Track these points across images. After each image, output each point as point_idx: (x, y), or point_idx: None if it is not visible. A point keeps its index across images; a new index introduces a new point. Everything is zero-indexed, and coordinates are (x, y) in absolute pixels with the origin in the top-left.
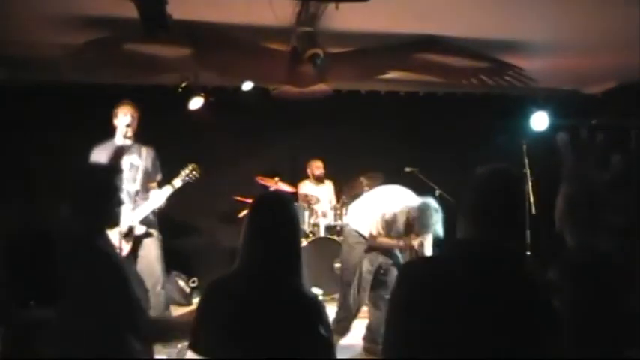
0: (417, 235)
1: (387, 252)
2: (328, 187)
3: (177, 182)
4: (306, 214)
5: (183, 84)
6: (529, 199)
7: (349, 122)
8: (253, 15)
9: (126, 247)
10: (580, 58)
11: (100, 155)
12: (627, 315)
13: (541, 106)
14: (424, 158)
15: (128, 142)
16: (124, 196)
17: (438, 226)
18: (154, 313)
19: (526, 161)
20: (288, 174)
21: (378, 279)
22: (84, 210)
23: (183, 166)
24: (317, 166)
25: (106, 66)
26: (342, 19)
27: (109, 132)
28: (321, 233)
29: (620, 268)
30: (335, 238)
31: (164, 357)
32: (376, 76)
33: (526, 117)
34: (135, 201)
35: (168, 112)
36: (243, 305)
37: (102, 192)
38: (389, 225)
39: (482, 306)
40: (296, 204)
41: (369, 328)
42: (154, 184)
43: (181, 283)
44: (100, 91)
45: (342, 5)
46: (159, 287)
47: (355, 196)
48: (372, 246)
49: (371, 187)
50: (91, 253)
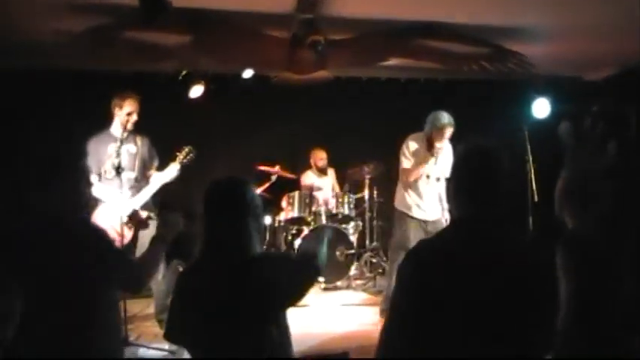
0: (435, 141)
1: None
2: (330, 175)
3: (176, 165)
4: (308, 202)
5: (184, 72)
6: (531, 186)
7: (350, 109)
8: (254, 2)
9: (128, 234)
10: (581, 45)
11: (97, 145)
12: (623, 300)
13: (542, 92)
14: None
15: (125, 132)
16: (124, 183)
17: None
18: (156, 301)
19: (528, 147)
20: (288, 161)
21: None
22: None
23: (180, 149)
24: (320, 157)
25: (106, 53)
26: (342, 5)
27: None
28: (323, 221)
29: (609, 254)
30: (337, 225)
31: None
32: (377, 62)
33: (527, 103)
34: (134, 188)
35: (169, 99)
36: (207, 293)
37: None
38: (410, 150)
39: (483, 286)
40: (259, 191)
41: (388, 295)
42: (152, 171)
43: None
44: (100, 79)
45: None
46: (160, 275)
47: (357, 184)
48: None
49: (373, 174)
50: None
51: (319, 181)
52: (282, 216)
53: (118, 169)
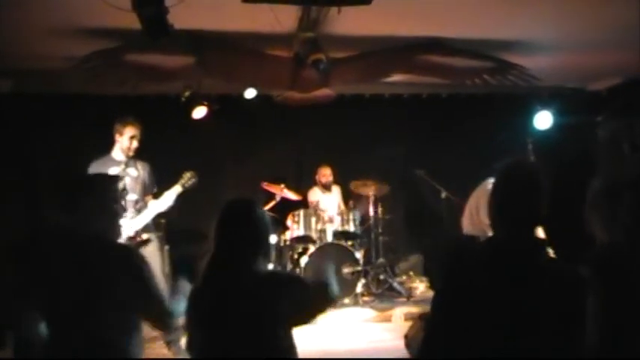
0: None
1: None
2: (335, 192)
3: (177, 189)
4: (313, 220)
5: (187, 93)
6: None
7: (354, 126)
8: (255, 22)
9: None
10: (584, 56)
11: (98, 169)
12: None
13: (546, 104)
14: (429, 160)
15: (125, 158)
16: (127, 205)
17: None
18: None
19: (532, 159)
20: (293, 180)
21: None
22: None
23: (182, 173)
24: (324, 174)
25: (110, 77)
26: (344, 24)
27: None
28: (329, 239)
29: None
30: (342, 243)
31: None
32: (379, 78)
33: (531, 116)
34: (135, 210)
35: (172, 121)
36: (217, 309)
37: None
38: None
39: (515, 297)
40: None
41: None
42: (150, 197)
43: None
44: (104, 103)
45: (343, 9)
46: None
47: (361, 200)
48: None
49: (377, 192)
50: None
51: (324, 197)
52: (288, 235)
53: (123, 191)
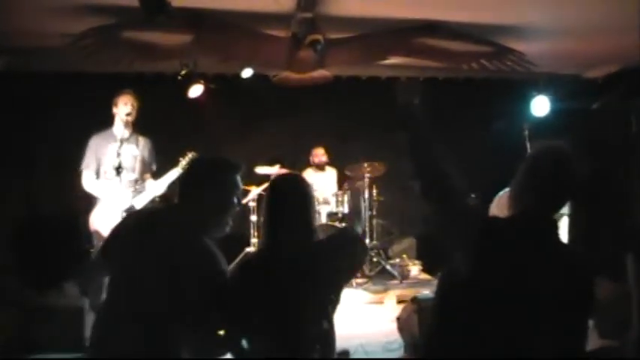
0: None
1: None
2: (330, 173)
3: (177, 171)
4: None
5: (183, 71)
6: None
7: (350, 108)
8: (253, 1)
9: None
10: (581, 42)
11: (98, 143)
12: None
13: (541, 90)
14: None
15: (127, 132)
16: (124, 184)
17: None
18: None
19: (528, 146)
20: (289, 161)
21: None
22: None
23: (183, 154)
24: (317, 154)
25: (107, 54)
26: (341, 4)
27: (110, 120)
28: (323, 220)
29: None
30: (337, 224)
31: None
32: (376, 61)
33: (527, 102)
34: (134, 190)
35: (168, 100)
36: (274, 281)
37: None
38: None
39: (529, 276)
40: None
41: None
42: (148, 175)
43: None
44: (100, 80)
45: None
46: None
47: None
48: None
49: (372, 174)
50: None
51: (317, 176)
52: None
53: (118, 170)
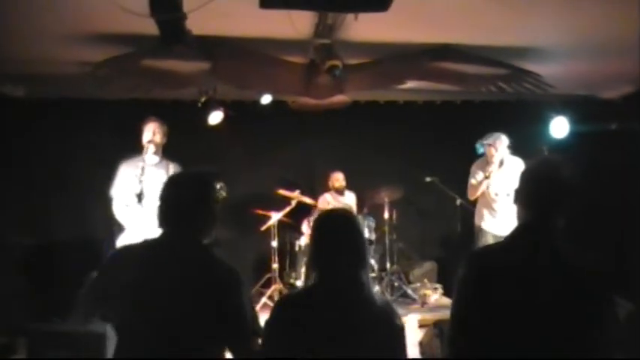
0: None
1: None
2: (349, 197)
3: None
4: None
5: (203, 99)
6: None
7: (368, 133)
8: (272, 28)
9: None
10: (597, 63)
11: (126, 169)
12: None
13: (559, 112)
14: (443, 167)
15: (156, 159)
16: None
17: None
18: None
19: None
20: (307, 186)
21: None
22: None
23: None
24: (336, 178)
25: (126, 82)
26: (359, 30)
27: (131, 148)
28: None
29: None
30: None
31: None
32: (394, 85)
33: (545, 123)
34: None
35: (187, 126)
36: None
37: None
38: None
39: (538, 292)
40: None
41: None
42: None
43: None
44: (119, 107)
45: (360, 16)
46: None
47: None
48: None
49: (391, 198)
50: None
51: (336, 203)
52: (303, 240)
53: (140, 196)
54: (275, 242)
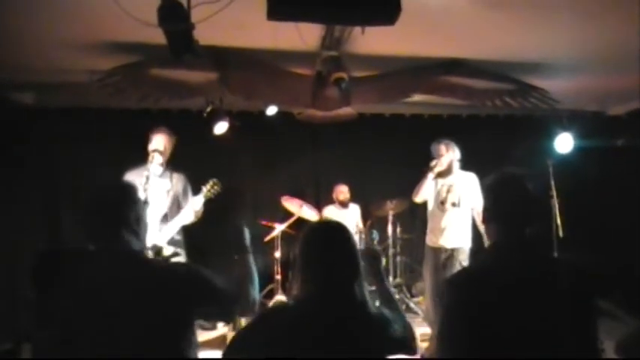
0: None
1: None
2: (353, 210)
3: (200, 198)
4: None
5: (209, 108)
6: (556, 220)
7: (373, 145)
8: (279, 39)
9: None
10: (604, 79)
11: (131, 179)
12: None
13: (565, 127)
14: None
15: (160, 168)
16: (153, 219)
17: None
18: None
19: (552, 183)
20: (312, 198)
21: None
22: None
23: (204, 182)
24: (341, 191)
25: (133, 91)
26: (366, 43)
27: (140, 157)
28: None
29: None
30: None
31: None
32: (400, 99)
33: (550, 138)
34: (163, 224)
35: (193, 136)
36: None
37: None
38: None
39: (520, 306)
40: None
41: None
42: (180, 210)
43: None
44: (126, 116)
45: (367, 29)
46: None
47: (379, 219)
48: None
49: (395, 211)
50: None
51: (340, 215)
52: None
53: (144, 205)
54: (278, 253)
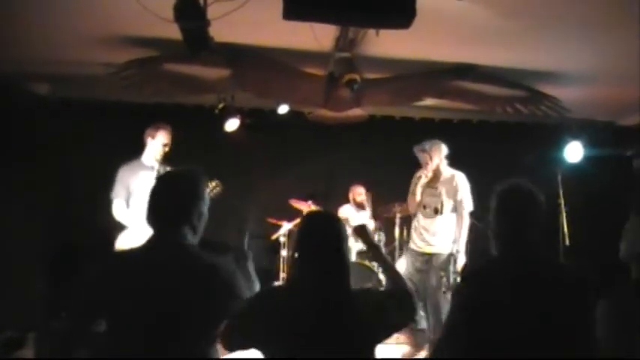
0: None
1: None
2: (367, 213)
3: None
4: None
5: (221, 105)
6: (563, 229)
7: (382, 148)
8: (294, 39)
9: None
10: (616, 89)
11: (127, 173)
12: None
13: (575, 136)
14: None
15: (155, 164)
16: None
17: None
18: None
19: (561, 191)
20: (322, 197)
21: None
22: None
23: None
24: (359, 192)
25: (147, 85)
26: (379, 45)
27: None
28: (352, 258)
29: None
30: (366, 262)
31: None
32: (411, 102)
33: (560, 147)
34: None
35: (205, 132)
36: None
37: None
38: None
39: (528, 311)
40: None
41: None
42: None
43: None
44: (140, 110)
45: (381, 31)
46: None
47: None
48: None
49: (403, 214)
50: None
51: (357, 215)
52: None
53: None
54: (285, 251)
